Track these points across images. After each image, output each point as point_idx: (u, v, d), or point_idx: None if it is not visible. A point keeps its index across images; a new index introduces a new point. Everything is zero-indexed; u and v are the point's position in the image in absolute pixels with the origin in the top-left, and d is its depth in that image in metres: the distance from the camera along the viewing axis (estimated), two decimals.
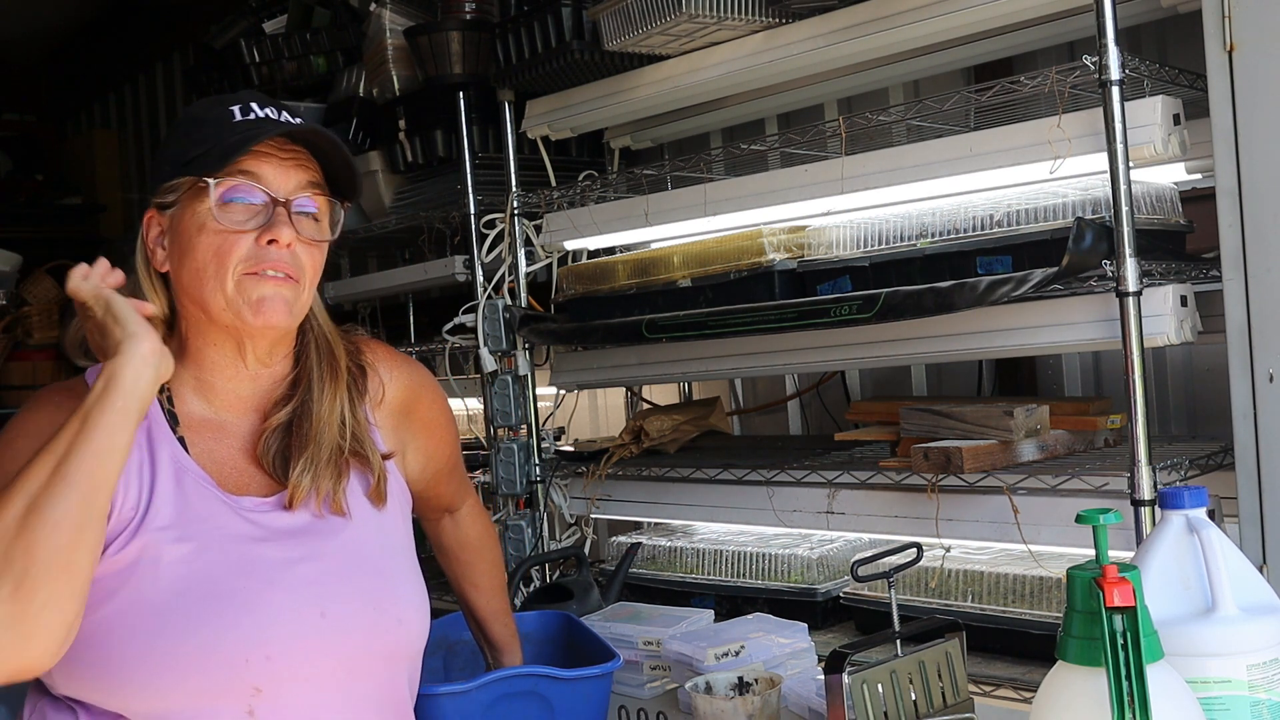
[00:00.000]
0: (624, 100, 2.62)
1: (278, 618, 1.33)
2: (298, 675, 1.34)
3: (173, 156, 1.41)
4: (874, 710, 1.58)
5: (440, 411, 1.67)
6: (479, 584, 1.84)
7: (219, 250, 1.35)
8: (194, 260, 1.37)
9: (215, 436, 1.42)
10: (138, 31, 5.73)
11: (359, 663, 1.40)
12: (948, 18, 2.06)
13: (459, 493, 1.77)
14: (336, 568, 1.40)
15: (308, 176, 1.40)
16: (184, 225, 1.38)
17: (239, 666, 1.30)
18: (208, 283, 1.36)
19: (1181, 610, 1.27)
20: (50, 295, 5.07)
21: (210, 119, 1.40)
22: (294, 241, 1.37)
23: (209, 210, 1.36)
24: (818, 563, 2.36)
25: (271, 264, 1.36)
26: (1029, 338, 1.98)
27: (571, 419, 3.17)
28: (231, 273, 1.35)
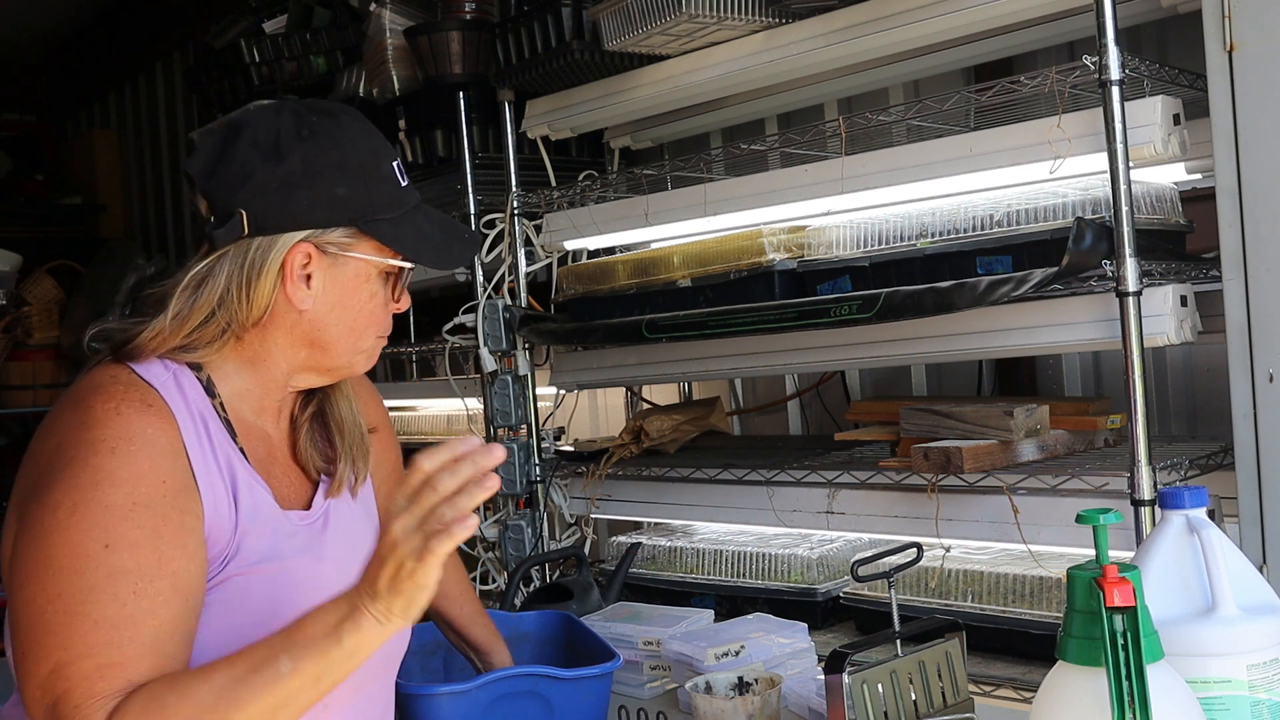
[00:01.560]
0: (624, 100, 2.62)
1: None
2: (355, 688, 1.38)
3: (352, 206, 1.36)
4: (874, 710, 1.57)
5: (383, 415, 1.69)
6: (449, 592, 1.84)
7: (374, 317, 1.41)
8: (349, 318, 1.39)
9: (262, 445, 1.42)
10: (138, 31, 5.72)
11: (384, 665, 1.48)
12: (948, 18, 2.06)
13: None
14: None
15: None
16: (347, 278, 1.38)
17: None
18: (351, 340, 1.40)
19: (1181, 610, 1.27)
20: (50, 295, 5.07)
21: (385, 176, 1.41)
22: None
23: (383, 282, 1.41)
24: (818, 563, 2.36)
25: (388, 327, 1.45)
26: (1029, 338, 1.98)
27: (571, 419, 3.17)
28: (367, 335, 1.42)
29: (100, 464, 1.22)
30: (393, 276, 1.42)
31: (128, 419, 1.26)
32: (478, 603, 1.90)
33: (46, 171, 6.31)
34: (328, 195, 1.34)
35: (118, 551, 1.19)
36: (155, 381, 1.31)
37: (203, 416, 1.33)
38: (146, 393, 1.30)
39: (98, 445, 1.23)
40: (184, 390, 1.33)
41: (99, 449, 1.23)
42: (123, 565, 1.18)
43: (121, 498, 1.21)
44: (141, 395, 1.29)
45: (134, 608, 1.17)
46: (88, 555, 1.18)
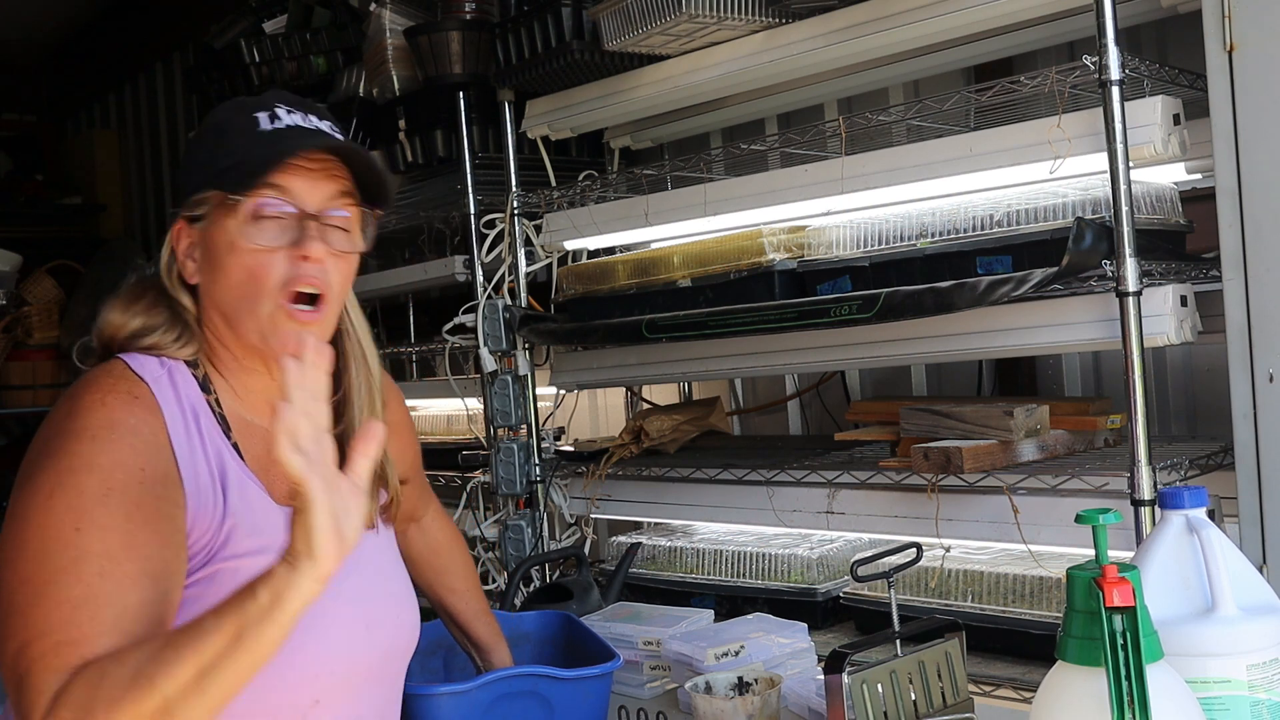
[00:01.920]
0: (624, 100, 2.62)
1: (336, 634, 1.37)
2: (348, 686, 1.39)
3: (200, 166, 1.37)
4: (874, 710, 1.57)
5: (404, 415, 1.70)
6: (455, 587, 1.85)
7: (253, 270, 1.32)
8: (227, 279, 1.34)
9: (259, 442, 1.41)
10: (138, 31, 5.73)
11: (386, 668, 1.47)
12: (948, 18, 2.06)
13: (423, 499, 1.80)
14: (372, 580, 1.45)
15: (338, 186, 1.36)
16: (215, 241, 1.35)
17: (309, 681, 1.34)
18: (242, 303, 1.34)
19: (1181, 610, 1.27)
20: (50, 295, 5.07)
21: (236, 127, 1.36)
22: (324, 256, 1.34)
23: (240, 228, 1.32)
24: (818, 563, 2.36)
25: (305, 280, 1.32)
26: (1029, 338, 1.98)
27: (571, 419, 3.17)
28: (267, 296, 1.32)
29: (80, 450, 1.25)
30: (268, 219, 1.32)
31: (111, 408, 1.29)
32: (484, 601, 1.89)
33: (46, 171, 6.32)
34: (187, 168, 1.39)
35: (87, 535, 1.20)
36: (147, 375, 1.34)
37: (194, 411, 1.35)
38: (135, 385, 1.32)
39: (80, 433, 1.26)
40: (177, 385, 1.36)
41: (81, 437, 1.26)
42: (91, 548, 1.19)
43: (96, 483, 1.23)
44: (129, 387, 1.32)
45: (97, 589, 1.18)
46: (58, 538, 1.20)
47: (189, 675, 1.10)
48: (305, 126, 1.36)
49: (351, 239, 1.38)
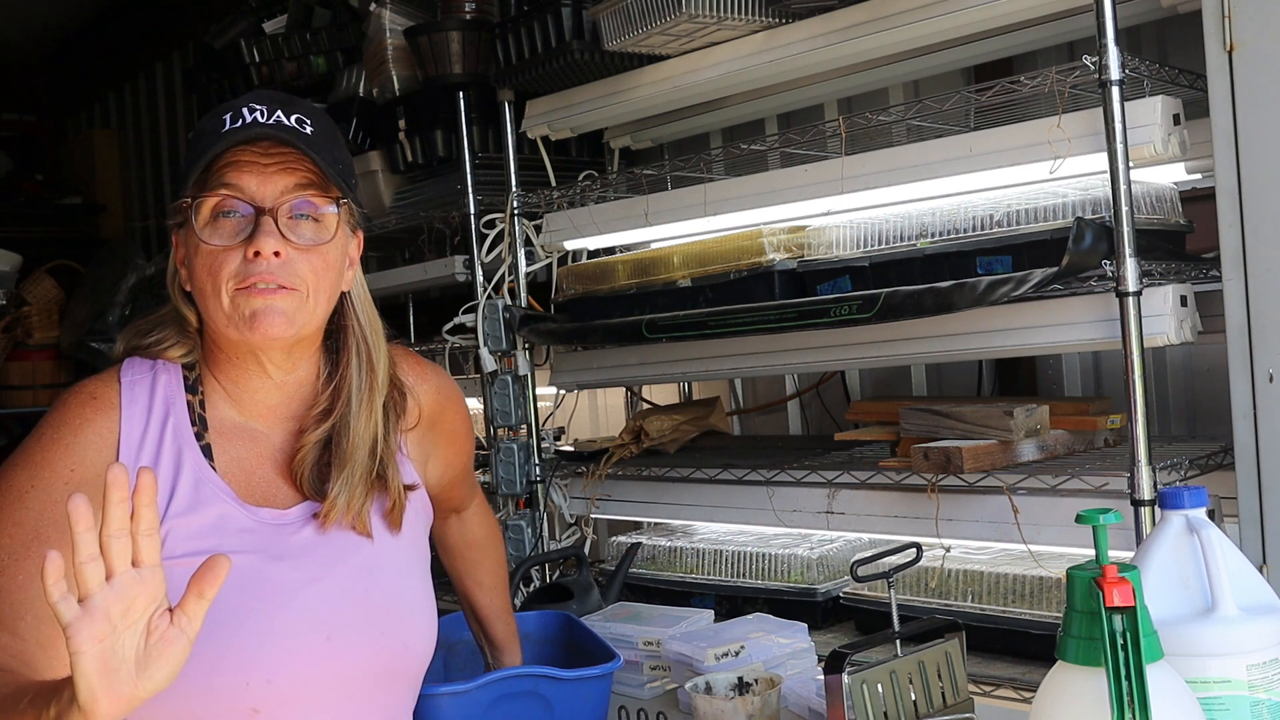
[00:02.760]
0: (624, 100, 2.62)
1: (282, 642, 1.32)
2: (298, 697, 1.33)
3: (178, 176, 1.40)
4: (874, 710, 1.57)
5: (464, 421, 1.66)
6: (483, 582, 1.84)
7: (210, 269, 1.32)
8: (196, 280, 1.35)
9: (245, 445, 1.40)
10: (138, 31, 5.73)
11: (361, 686, 1.39)
12: (948, 18, 2.06)
13: (469, 494, 1.78)
14: (346, 590, 1.38)
15: (295, 179, 1.34)
16: (189, 245, 1.36)
17: (239, 688, 1.30)
18: (208, 301, 1.34)
19: (1181, 610, 1.27)
20: (50, 295, 5.07)
21: (206, 131, 1.36)
22: (283, 250, 1.31)
23: (200, 229, 1.33)
24: (818, 563, 2.36)
25: (258, 276, 1.31)
26: (1029, 338, 1.98)
27: (571, 419, 3.17)
28: (224, 290, 1.32)
29: (27, 449, 1.31)
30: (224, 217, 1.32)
31: (68, 408, 1.34)
32: (507, 601, 1.88)
33: (46, 171, 6.32)
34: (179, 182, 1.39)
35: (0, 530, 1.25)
36: (126, 377, 1.37)
37: (166, 411, 1.37)
38: (103, 386, 1.36)
39: (35, 435, 1.33)
40: (157, 386, 1.38)
41: (33, 438, 1.32)
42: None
43: (24, 479, 1.28)
44: (95, 388, 1.36)
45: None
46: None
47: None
48: (265, 122, 1.33)
49: (321, 229, 1.36)
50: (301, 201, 1.34)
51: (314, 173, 1.35)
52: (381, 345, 1.47)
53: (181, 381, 1.39)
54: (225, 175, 1.32)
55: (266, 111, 1.34)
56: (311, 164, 1.34)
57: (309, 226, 1.35)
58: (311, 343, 1.42)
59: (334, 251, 1.38)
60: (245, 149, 1.32)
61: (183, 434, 1.36)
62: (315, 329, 1.40)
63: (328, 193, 1.36)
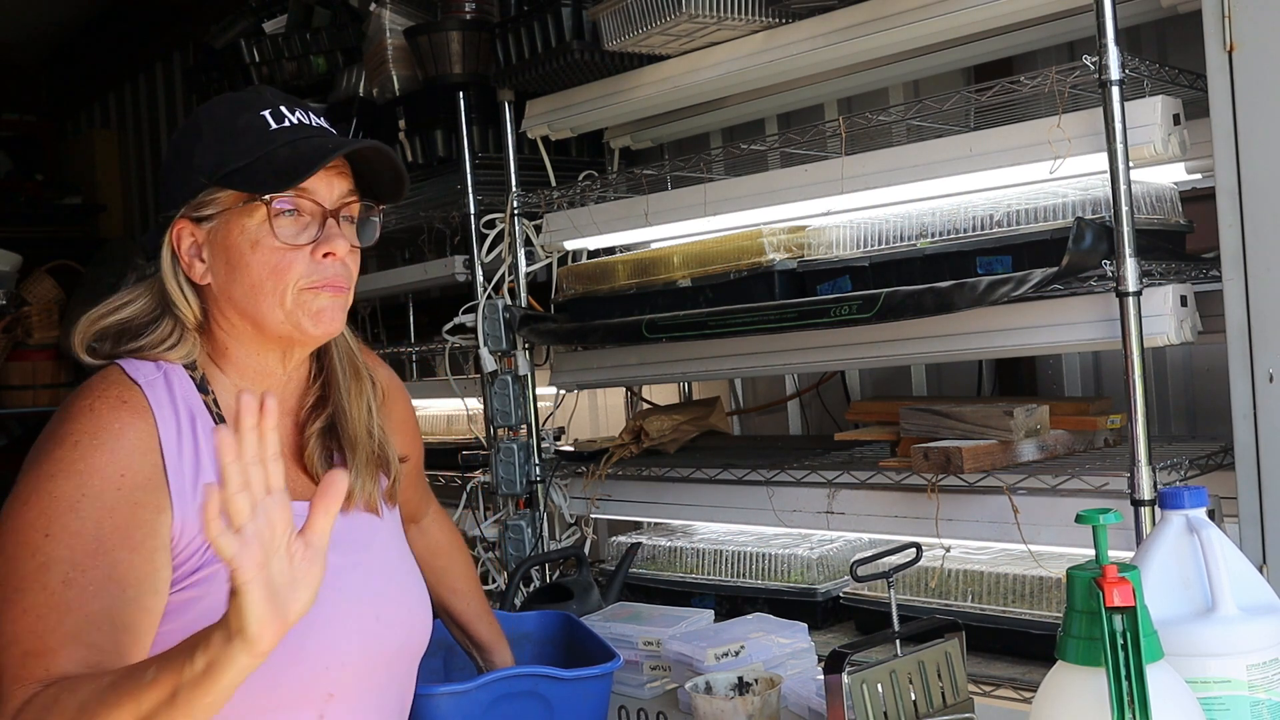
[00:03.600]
0: (624, 100, 2.62)
1: (347, 626, 1.37)
2: (360, 679, 1.39)
3: (205, 167, 1.36)
4: (874, 710, 1.57)
5: (411, 413, 1.71)
6: (456, 588, 1.84)
7: (277, 267, 1.33)
8: (248, 276, 1.34)
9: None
10: (138, 31, 5.73)
11: (400, 661, 1.47)
12: (948, 18, 2.06)
13: (424, 499, 1.80)
14: (379, 572, 1.45)
15: (348, 185, 1.39)
16: (232, 241, 1.35)
17: (319, 674, 1.34)
18: (265, 298, 1.34)
19: (1181, 610, 1.27)
20: (50, 295, 5.07)
21: (244, 128, 1.36)
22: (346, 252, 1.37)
23: (262, 227, 1.33)
24: (818, 563, 2.36)
25: (329, 279, 1.35)
26: (1029, 338, 1.98)
27: (571, 419, 3.17)
28: (291, 289, 1.34)
29: (61, 456, 1.26)
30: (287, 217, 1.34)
31: (99, 414, 1.30)
32: (484, 601, 1.89)
33: (46, 171, 6.32)
34: (186, 168, 1.38)
35: (56, 541, 1.21)
36: (141, 379, 1.34)
37: (191, 414, 1.35)
38: (126, 389, 1.33)
39: (64, 439, 1.27)
40: (173, 388, 1.36)
41: (64, 443, 1.27)
42: (58, 554, 1.20)
43: (71, 489, 1.24)
44: (120, 392, 1.33)
45: (61, 596, 1.18)
46: (28, 544, 1.21)
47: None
48: (309, 124, 1.39)
49: (366, 235, 1.42)
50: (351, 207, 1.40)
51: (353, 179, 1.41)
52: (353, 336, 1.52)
53: (190, 381, 1.39)
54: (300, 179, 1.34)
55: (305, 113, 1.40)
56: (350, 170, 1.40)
57: (355, 232, 1.41)
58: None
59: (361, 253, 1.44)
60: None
61: (211, 434, 1.35)
62: None
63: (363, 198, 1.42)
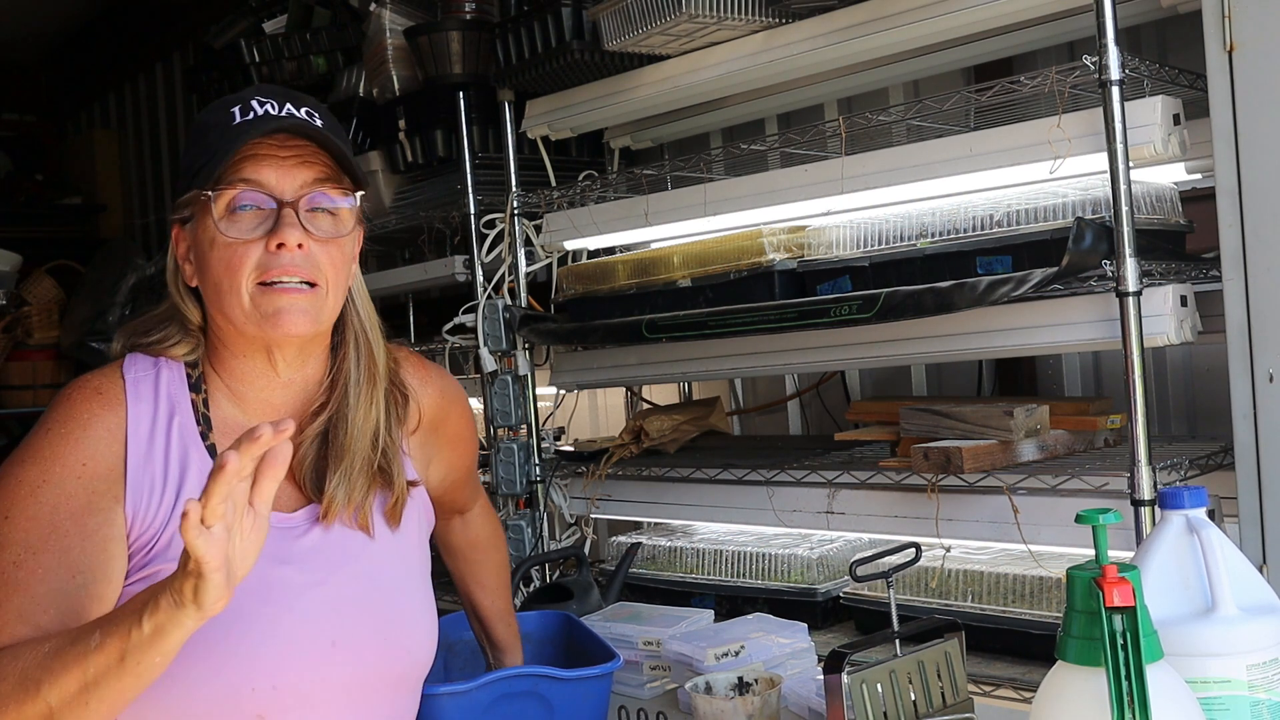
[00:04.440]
0: (624, 100, 2.62)
1: (289, 647, 1.32)
2: (303, 704, 1.33)
3: (186, 168, 1.37)
4: (874, 710, 1.57)
5: (467, 424, 1.66)
6: (485, 583, 1.84)
7: (229, 263, 1.31)
8: (211, 275, 1.34)
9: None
10: (138, 31, 5.73)
11: (364, 691, 1.39)
12: (948, 18, 2.06)
13: (472, 495, 1.77)
14: (351, 594, 1.38)
15: (314, 173, 1.34)
16: (199, 240, 1.35)
17: (244, 694, 1.29)
18: (225, 296, 1.33)
19: (1181, 610, 1.27)
20: (50, 295, 5.07)
21: (213, 124, 1.35)
22: (305, 242, 1.31)
23: (216, 223, 1.32)
24: (818, 563, 2.36)
25: (282, 269, 1.31)
26: (1029, 338, 1.98)
27: (571, 419, 3.17)
28: (245, 284, 1.31)
29: (34, 443, 1.30)
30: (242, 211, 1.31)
31: (73, 403, 1.33)
32: (509, 603, 1.88)
33: (46, 171, 6.32)
34: (179, 173, 1.39)
35: (13, 524, 1.25)
36: (129, 374, 1.36)
37: (171, 410, 1.35)
38: (107, 381, 1.35)
39: (40, 427, 1.32)
40: (160, 383, 1.36)
41: (39, 430, 1.31)
42: (13, 537, 1.24)
43: (35, 474, 1.27)
44: (99, 384, 1.35)
45: (10, 576, 1.22)
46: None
47: (73, 688, 1.11)
48: (276, 115, 1.34)
49: (338, 223, 1.37)
50: (319, 195, 1.35)
51: (329, 166, 1.36)
52: (380, 339, 1.47)
53: (184, 380, 1.38)
54: (243, 169, 1.31)
55: (276, 105, 1.34)
56: (326, 158, 1.35)
57: (326, 220, 1.36)
58: (323, 339, 1.42)
59: (349, 244, 1.39)
60: (262, 142, 1.32)
61: (188, 433, 1.35)
62: (330, 323, 1.40)
63: (343, 186, 1.37)
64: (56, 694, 1.11)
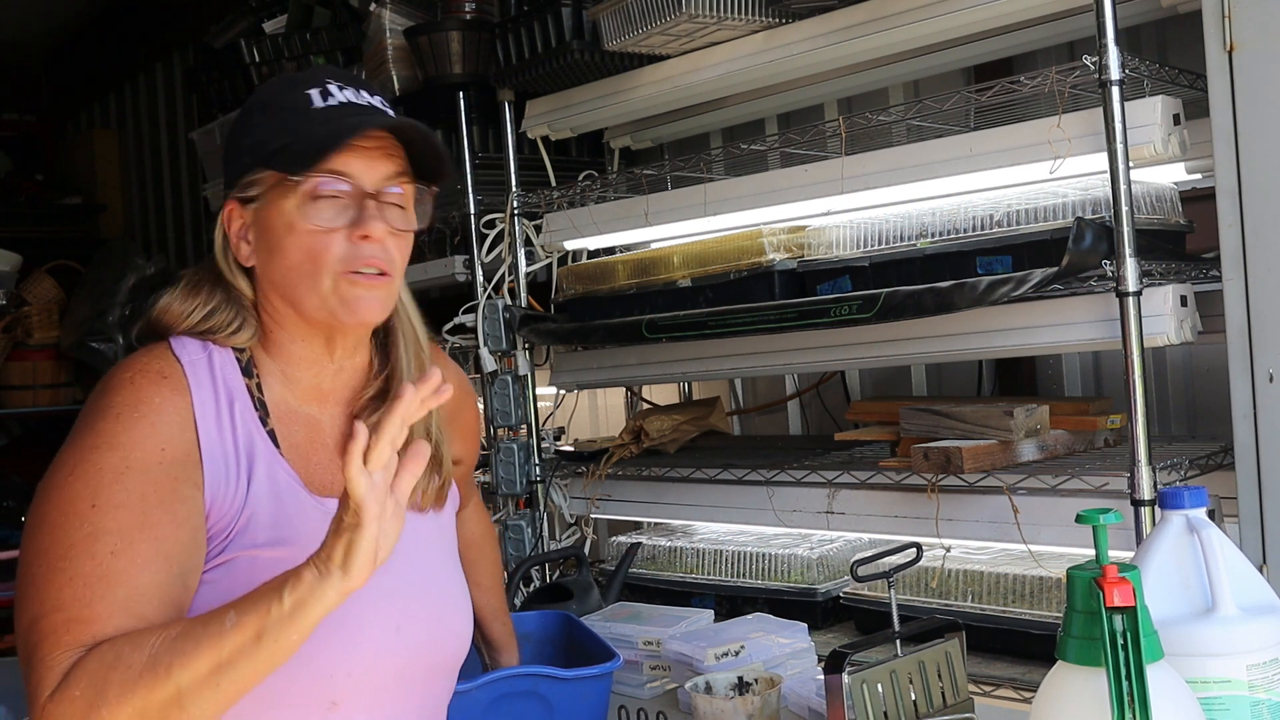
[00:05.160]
0: (624, 100, 2.62)
1: (361, 633, 1.33)
2: (372, 690, 1.34)
3: (251, 147, 1.35)
4: (874, 710, 1.57)
5: (477, 419, 1.69)
6: (480, 582, 1.84)
7: (312, 250, 1.31)
8: (285, 260, 1.33)
9: (302, 430, 1.39)
10: (138, 31, 5.73)
11: (419, 676, 1.41)
12: (948, 18, 2.06)
13: (470, 492, 1.79)
14: (410, 580, 1.39)
15: (394, 166, 1.35)
16: (271, 223, 1.33)
17: (324, 681, 1.31)
18: (302, 282, 1.32)
19: (1181, 610, 1.27)
20: (50, 295, 5.07)
21: (288, 106, 1.34)
22: (385, 235, 1.33)
23: (298, 209, 1.31)
24: (818, 563, 2.36)
25: (366, 260, 1.31)
26: (1029, 338, 1.98)
27: (571, 419, 3.17)
28: (327, 273, 1.31)
29: (104, 428, 1.26)
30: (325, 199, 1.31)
31: (139, 387, 1.29)
32: (504, 601, 1.89)
33: (46, 171, 6.32)
34: (237, 151, 1.37)
35: (103, 512, 1.21)
36: (184, 357, 1.34)
37: (230, 395, 1.34)
38: (167, 365, 1.32)
39: (106, 412, 1.27)
40: (214, 368, 1.35)
41: (106, 415, 1.27)
42: (105, 525, 1.20)
43: (116, 460, 1.24)
44: (160, 367, 1.32)
45: (109, 566, 1.19)
46: (75, 514, 1.21)
47: (205, 669, 1.11)
48: (358, 103, 1.35)
49: (408, 217, 1.37)
50: (395, 188, 1.35)
51: (404, 160, 1.36)
52: (422, 326, 1.49)
53: (235, 364, 1.37)
54: (330, 158, 1.30)
55: (355, 90, 1.36)
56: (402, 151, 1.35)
57: (400, 215, 1.36)
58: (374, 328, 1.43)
59: (413, 236, 1.40)
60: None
61: (249, 419, 1.34)
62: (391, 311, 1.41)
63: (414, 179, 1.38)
64: (188, 675, 1.11)
